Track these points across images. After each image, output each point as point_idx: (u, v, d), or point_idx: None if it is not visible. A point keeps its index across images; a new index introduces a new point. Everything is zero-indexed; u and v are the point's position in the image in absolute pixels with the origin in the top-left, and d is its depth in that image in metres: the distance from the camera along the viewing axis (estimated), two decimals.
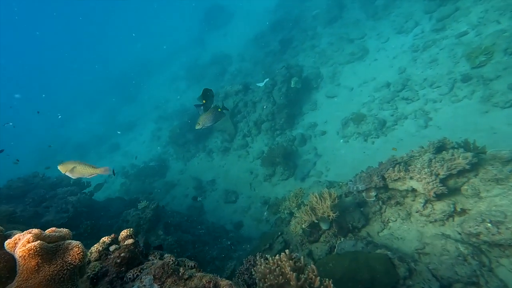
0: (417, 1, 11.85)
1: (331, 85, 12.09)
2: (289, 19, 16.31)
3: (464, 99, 8.22)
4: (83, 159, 14.89)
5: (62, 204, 6.70)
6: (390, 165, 5.73)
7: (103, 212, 7.81)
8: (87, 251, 1.94)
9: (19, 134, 28.50)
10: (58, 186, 7.82)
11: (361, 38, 12.74)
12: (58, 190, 7.41)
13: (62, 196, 7.11)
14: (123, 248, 2.34)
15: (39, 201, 6.81)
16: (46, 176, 8.36)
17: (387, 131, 9.08)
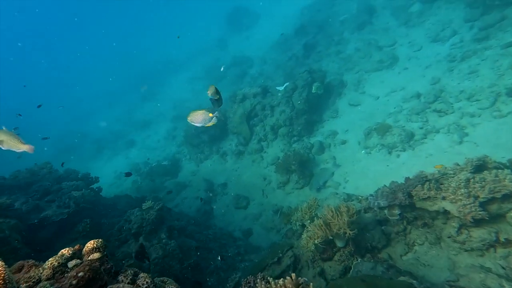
0: (456, 8, 11.06)
1: (355, 93, 11.45)
2: (314, 23, 15.83)
3: (509, 115, 7.39)
4: (99, 154, 14.93)
5: (66, 199, 6.48)
6: (418, 182, 5.07)
7: (108, 210, 7.55)
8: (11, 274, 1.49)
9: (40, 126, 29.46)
10: (65, 179, 7.64)
11: (391, 45, 12.04)
12: (63, 184, 7.22)
13: (67, 191, 6.91)
14: (84, 265, 1.87)
15: (43, 193, 6.63)
16: (54, 169, 8.21)
17: (415, 144, 8.34)
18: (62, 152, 22.23)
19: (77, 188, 7.13)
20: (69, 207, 6.26)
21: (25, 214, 5.72)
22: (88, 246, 2.05)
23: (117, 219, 6.69)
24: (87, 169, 11.52)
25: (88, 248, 2.03)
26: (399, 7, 12.96)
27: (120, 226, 6.35)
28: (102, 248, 2.04)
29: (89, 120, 26.80)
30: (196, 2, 34.53)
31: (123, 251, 5.83)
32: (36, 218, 5.71)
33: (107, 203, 8.36)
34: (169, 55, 28.22)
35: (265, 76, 16.10)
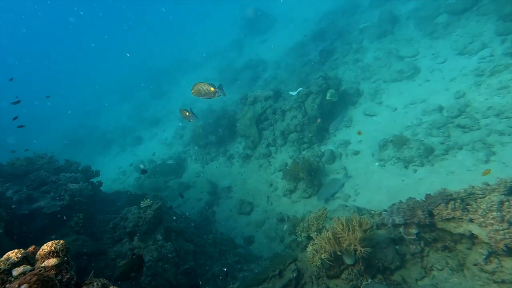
0: (488, 21, 10.48)
1: (372, 103, 10.97)
2: (333, 30, 15.46)
3: None
4: (107, 148, 14.73)
5: (62, 191, 6.18)
6: (441, 200, 4.57)
7: (106, 205, 7.23)
8: None
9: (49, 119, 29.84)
10: (65, 171, 7.35)
11: (413, 56, 11.54)
12: (61, 175, 6.93)
13: (64, 183, 6.61)
14: (32, 274, 1.44)
15: (39, 183, 6.36)
16: (54, 159, 7.94)
17: (434, 160, 7.79)
18: (70, 145, 22.29)
19: (75, 180, 6.83)
20: (63, 199, 5.95)
21: (17, 203, 5.44)
22: (44, 248, 1.64)
23: (114, 216, 6.34)
24: (93, 163, 11.34)
25: (43, 252, 1.61)
26: (424, 17, 12.46)
27: (115, 223, 6.00)
28: (62, 252, 1.63)
29: (100, 115, 26.92)
30: (214, 4, 34.73)
31: (116, 250, 5.48)
32: (28, 208, 5.41)
33: (106, 198, 8.05)
34: (184, 54, 28.24)
35: (279, 80, 15.75)
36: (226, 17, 28.57)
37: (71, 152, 19.38)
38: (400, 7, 14.41)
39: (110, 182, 15.12)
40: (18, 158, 7.21)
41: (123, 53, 31.92)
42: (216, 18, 31.47)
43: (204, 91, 4.57)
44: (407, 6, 14.19)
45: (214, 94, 4.59)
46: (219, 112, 14.13)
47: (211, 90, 4.54)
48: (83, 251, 5.23)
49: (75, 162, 8.25)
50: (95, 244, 5.55)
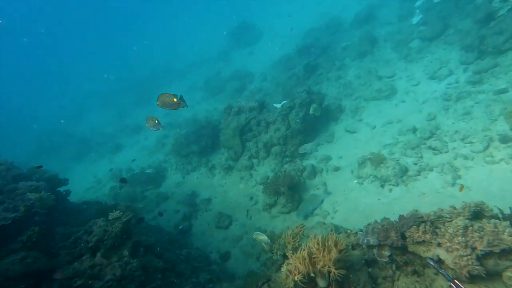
0: (452, 50, 11.15)
1: (352, 120, 11.23)
2: (317, 46, 15.86)
3: (501, 162, 7.17)
4: (84, 155, 14.32)
5: (19, 201, 5.85)
6: (413, 222, 4.69)
7: (71, 217, 6.90)
8: None
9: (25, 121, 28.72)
10: (27, 179, 6.96)
11: (391, 77, 11.98)
12: (20, 183, 6.55)
13: (22, 192, 6.25)
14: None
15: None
16: (15, 166, 7.49)
17: (408, 180, 8.03)
18: (44, 151, 21.46)
19: (36, 189, 6.43)
20: (18, 211, 5.64)
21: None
22: None
23: (78, 229, 6.05)
24: (67, 171, 10.98)
25: None
26: (400, 41, 13.04)
27: (77, 237, 5.72)
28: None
29: (79, 121, 26.16)
30: (202, 15, 34.87)
31: (74, 268, 5.20)
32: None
33: (73, 209, 7.71)
34: (171, 63, 28.07)
35: (264, 92, 15.91)
36: (214, 28, 28.73)
37: (44, 159, 18.66)
38: (379, 29, 15.01)
39: (83, 190, 14.65)
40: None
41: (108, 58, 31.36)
42: (204, 28, 31.55)
43: (169, 102, 4.65)
44: (385, 28, 14.82)
45: (177, 105, 4.67)
46: (203, 122, 14.06)
47: (174, 101, 4.58)
48: (34, 269, 4.93)
49: (41, 169, 7.85)
50: (49, 262, 5.25)
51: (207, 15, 33.45)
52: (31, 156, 20.35)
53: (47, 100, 31.69)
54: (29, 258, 5.11)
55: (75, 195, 10.80)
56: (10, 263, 4.97)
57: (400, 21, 14.28)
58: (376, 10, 16.33)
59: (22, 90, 36.83)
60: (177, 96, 4.80)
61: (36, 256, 5.22)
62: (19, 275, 4.87)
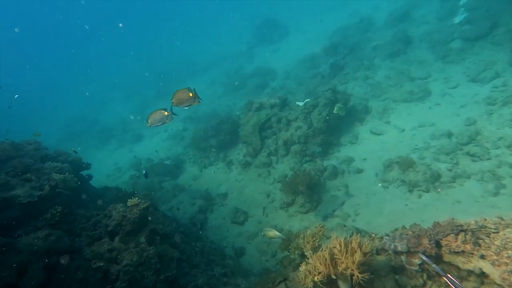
0: (501, 51, 10.33)
1: (379, 121, 10.69)
2: (345, 45, 15.34)
3: None
4: (105, 143, 14.47)
5: (44, 180, 5.84)
6: (451, 230, 4.22)
7: (92, 201, 6.85)
8: None
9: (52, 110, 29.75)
10: (52, 160, 7.00)
11: (425, 78, 11.31)
12: (46, 164, 6.58)
13: (48, 172, 6.26)
14: None
15: (21, 170, 6.01)
16: (43, 147, 7.59)
17: (441, 186, 7.45)
18: (69, 137, 22.06)
19: (61, 171, 6.46)
20: (43, 189, 5.62)
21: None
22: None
23: (97, 212, 5.99)
24: (89, 157, 11.07)
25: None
26: (438, 41, 12.31)
27: (96, 221, 5.64)
28: None
29: (103, 109, 26.75)
30: (227, 10, 34.96)
31: (93, 250, 5.10)
32: (2, 196, 5.06)
33: (94, 193, 7.69)
34: (194, 56, 28.22)
35: (286, 90, 15.55)
36: (240, 24, 28.67)
37: (68, 144, 19.10)
38: (414, 29, 14.30)
39: (104, 177, 14.82)
40: (3, 142, 6.86)
41: (133, 50, 32.00)
42: (230, 23, 31.59)
43: (185, 97, 4.58)
44: (421, 28, 14.08)
45: (193, 100, 4.60)
46: (223, 116, 13.91)
47: (190, 95, 4.53)
48: (56, 248, 4.86)
49: (65, 152, 7.92)
50: (71, 241, 5.18)
51: (233, 10, 33.48)
52: (56, 141, 20.95)
53: (74, 89, 32.73)
54: (52, 236, 5.09)
55: (96, 181, 10.87)
56: (34, 239, 4.95)
57: (440, 20, 13.51)
58: (413, 9, 15.60)
59: (52, 77, 38.29)
60: (191, 89, 4.62)
61: (59, 234, 5.19)
62: (42, 251, 4.84)
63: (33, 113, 27.85)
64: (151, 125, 4.69)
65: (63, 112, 28.60)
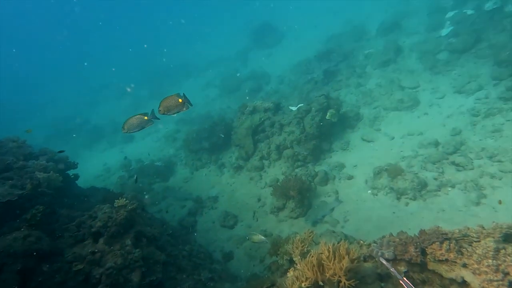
0: (484, 64, 10.66)
1: (370, 129, 10.86)
2: (339, 52, 15.54)
3: None
4: (96, 143, 14.30)
5: (26, 179, 5.73)
6: (436, 238, 4.32)
7: (77, 201, 6.76)
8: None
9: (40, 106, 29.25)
10: (36, 158, 6.87)
11: (414, 88, 11.56)
12: (30, 162, 6.46)
13: (31, 170, 6.15)
14: None
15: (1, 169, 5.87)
16: (27, 144, 7.43)
17: (427, 195, 7.61)
18: (57, 136, 21.69)
19: (45, 169, 6.35)
20: (25, 188, 5.51)
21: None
22: None
23: (82, 213, 5.89)
24: (77, 157, 10.92)
25: None
26: (426, 52, 12.59)
27: (81, 221, 5.55)
28: None
29: (94, 109, 26.44)
30: (223, 13, 35.07)
31: (75, 252, 5.01)
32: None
33: (79, 193, 7.58)
34: (189, 58, 28.17)
35: (280, 94, 15.68)
36: (235, 28, 28.77)
37: (56, 143, 18.83)
38: (405, 39, 14.60)
39: (92, 178, 14.63)
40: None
41: (128, 50, 31.75)
42: (225, 27, 31.67)
43: (173, 103, 4.51)
44: (411, 38, 14.39)
45: (182, 105, 4.52)
46: (216, 119, 13.90)
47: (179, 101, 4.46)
48: (34, 249, 4.75)
49: (51, 151, 7.77)
50: (52, 243, 5.08)
51: (229, 14, 33.60)
52: (44, 139, 20.58)
53: (66, 87, 32.26)
54: (31, 237, 4.96)
55: (84, 181, 10.72)
56: (12, 240, 4.83)
57: (428, 31, 13.85)
58: (403, 19, 15.95)
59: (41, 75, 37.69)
60: (180, 95, 4.58)
61: (39, 236, 5.06)
62: (20, 253, 4.71)
63: (21, 110, 27.33)
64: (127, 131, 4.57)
65: (53, 110, 28.12)
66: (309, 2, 25.87)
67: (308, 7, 25.85)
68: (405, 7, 16.90)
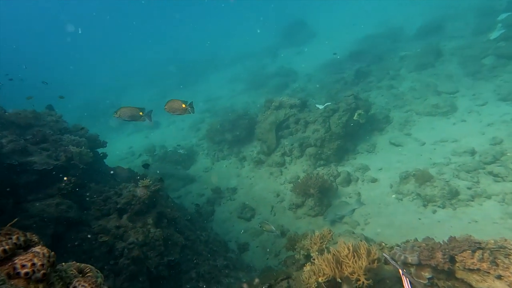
0: None
1: (399, 133, 10.41)
2: (372, 53, 15.07)
3: None
4: (122, 126, 14.67)
5: (61, 151, 5.95)
6: (468, 247, 4.02)
7: (104, 178, 6.96)
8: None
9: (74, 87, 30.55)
10: (70, 133, 7.16)
11: (452, 93, 10.95)
12: (65, 136, 6.73)
13: (65, 143, 6.39)
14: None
15: (39, 140, 6.15)
16: (63, 120, 7.79)
17: (458, 204, 7.16)
18: (88, 116, 22.51)
19: (78, 144, 6.61)
20: (59, 160, 5.73)
21: (8, 153, 5.23)
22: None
23: (108, 189, 6.06)
24: (105, 138, 11.31)
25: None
26: (470, 56, 11.89)
27: (107, 197, 5.71)
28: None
29: (124, 93, 27.27)
30: (257, 7, 35.04)
31: (100, 224, 5.16)
32: (19, 160, 5.19)
33: (106, 171, 7.82)
34: (218, 51, 28.45)
35: (307, 92, 15.42)
36: (267, 23, 28.70)
37: (87, 122, 19.55)
38: (446, 42, 13.89)
39: (117, 159, 15.08)
40: (26, 110, 7.06)
41: (159, 40, 32.56)
42: (255, 21, 31.66)
43: (177, 107, 4.89)
44: (453, 42, 13.67)
45: (185, 110, 4.91)
46: (240, 112, 13.91)
47: (183, 106, 4.84)
48: (65, 217, 4.94)
49: (83, 127, 8.09)
50: (80, 213, 5.26)
51: (263, 8, 33.53)
52: (76, 119, 21.51)
53: (98, 71, 33.61)
54: (63, 205, 5.18)
55: (109, 162, 11.10)
56: (46, 205, 5.06)
57: (474, 35, 13.09)
58: (447, 22, 15.21)
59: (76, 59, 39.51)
60: (186, 102, 4.92)
61: (70, 205, 5.28)
62: (52, 219, 4.93)
63: (55, 90, 28.70)
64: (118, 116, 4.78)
65: (84, 92, 29.35)
66: (345, 2, 25.33)
67: (344, 7, 25.33)
68: (451, 9, 16.10)
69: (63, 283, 1.29)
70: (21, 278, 1.12)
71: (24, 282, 1.12)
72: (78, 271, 1.48)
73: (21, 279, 1.12)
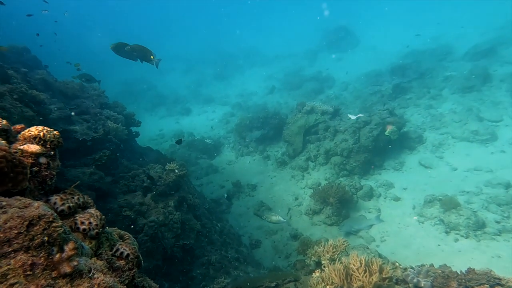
0: None
1: (431, 154, 10.06)
2: (415, 69, 14.54)
3: None
4: (156, 108, 15.29)
5: (100, 125, 6.41)
6: (486, 281, 3.91)
7: (134, 156, 7.39)
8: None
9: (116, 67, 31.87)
10: (109, 109, 7.66)
11: (495, 121, 10.37)
12: (105, 111, 7.22)
13: (104, 118, 6.87)
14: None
15: (82, 110, 6.64)
16: (105, 95, 8.33)
17: (483, 236, 6.86)
18: (126, 94, 23.47)
19: (115, 120, 7.07)
20: (98, 132, 6.17)
21: (55, 119, 5.72)
22: (30, 130, 1.38)
23: (137, 167, 6.45)
24: (138, 117, 11.90)
25: (29, 134, 1.36)
26: None
27: (135, 174, 6.08)
28: (51, 143, 1.40)
29: (161, 77, 28.13)
30: (302, 9, 34.81)
31: (126, 199, 5.52)
32: (62, 127, 5.66)
33: (136, 150, 8.27)
34: (256, 47, 28.66)
35: (341, 101, 15.24)
36: (310, 25, 28.44)
37: (123, 100, 20.52)
38: (497, 67, 13.11)
39: (147, 140, 15.77)
40: (73, 81, 7.66)
41: (200, 28, 33.15)
42: (298, 22, 31.50)
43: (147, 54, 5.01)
44: (505, 68, 12.87)
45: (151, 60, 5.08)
46: (271, 111, 14.05)
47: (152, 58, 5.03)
48: (95, 186, 5.32)
49: (122, 105, 8.60)
50: (109, 185, 5.65)
51: (307, 10, 33.28)
52: (113, 95, 22.61)
53: None
54: (96, 175, 5.59)
55: (139, 141, 11.69)
56: (81, 173, 5.50)
57: None
58: (501, 46, 14.33)
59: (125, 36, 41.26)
60: (156, 55, 5.09)
61: (102, 175, 5.68)
62: (85, 186, 5.35)
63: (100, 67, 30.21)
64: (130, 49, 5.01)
65: (125, 70, 30.53)
66: (396, 14, 24.53)
67: (394, 19, 24.54)
68: (509, 32, 15.16)
69: (109, 244, 1.50)
70: (80, 233, 1.34)
71: (81, 236, 1.34)
72: (119, 236, 1.69)
73: (80, 233, 1.34)
